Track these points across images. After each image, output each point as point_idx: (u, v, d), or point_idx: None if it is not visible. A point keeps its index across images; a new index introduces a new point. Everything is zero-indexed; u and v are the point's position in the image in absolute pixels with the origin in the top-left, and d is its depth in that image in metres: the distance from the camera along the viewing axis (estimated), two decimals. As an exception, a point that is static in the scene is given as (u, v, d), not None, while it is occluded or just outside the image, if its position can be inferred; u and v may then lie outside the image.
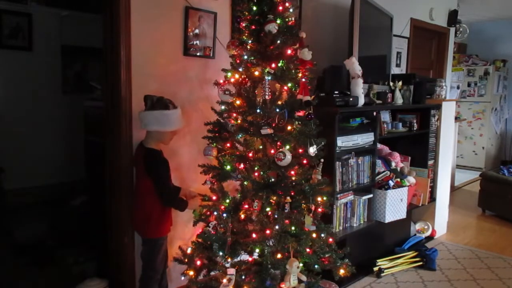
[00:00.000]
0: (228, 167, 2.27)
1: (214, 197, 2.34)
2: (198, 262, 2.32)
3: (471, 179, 6.38)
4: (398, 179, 3.45)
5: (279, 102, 2.23)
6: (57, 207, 4.03)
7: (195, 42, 2.72)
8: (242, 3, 2.35)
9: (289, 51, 2.27)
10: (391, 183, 3.27)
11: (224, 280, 2.12)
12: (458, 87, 7.20)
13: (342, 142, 2.86)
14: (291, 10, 2.33)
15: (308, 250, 2.28)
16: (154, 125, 2.23)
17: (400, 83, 3.60)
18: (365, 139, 3.06)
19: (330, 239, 2.46)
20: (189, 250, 2.40)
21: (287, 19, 2.30)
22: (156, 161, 2.27)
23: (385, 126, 3.47)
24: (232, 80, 2.33)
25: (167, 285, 2.52)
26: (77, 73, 4.93)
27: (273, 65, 2.21)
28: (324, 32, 3.55)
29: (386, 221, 3.20)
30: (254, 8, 2.27)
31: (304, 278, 2.21)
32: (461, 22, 5.72)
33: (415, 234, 3.85)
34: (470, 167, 7.07)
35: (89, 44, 4.72)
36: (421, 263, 3.30)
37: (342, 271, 2.46)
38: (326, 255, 2.42)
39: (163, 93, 2.59)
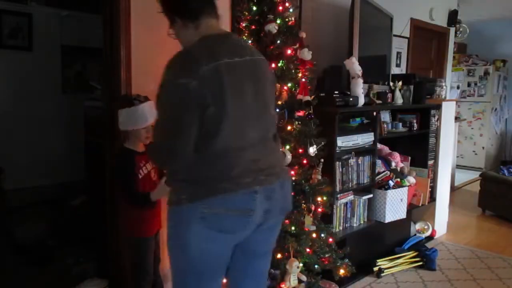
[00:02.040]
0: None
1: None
2: (198, 262, 2.32)
3: (471, 179, 6.38)
4: (398, 179, 3.45)
5: (279, 102, 2.23)
6: (57, 207, 4.03)
7: (195, 42, 2.72)
8: (242, 3, 2.35)
9: (289, 51, 2.27)
10: (391, 183, 3.27)
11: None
12: (458, 87, 7.20)
13: (342, 142, 2.86)
14: (291, 10, 2.34)
15: (308, 250, 2.28)
16: (125, 124, 2.17)
17: (400, 83, 3.60)
18: (365, 139, 3.06)
19: (330, 239, 2.46)
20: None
21: (287, 19, 2.30)
22: (118, 160, 2.23)
23: (385, 126, 3.47)
24: (232, 80, 2.33)
25: (163, 285, 2.49)
26: (77, 73, 4.93)
27: (273, 65, 2.21)
28: (324, 32, 3.54)
29: (386, 221, 3.20)
30: (254, 8, 2.27)
31: (304, 278, 2.21)
32: (461, 22, 5.72)
33: (415, 234, 3.85)
34: (470, 167, 7.07)
35: (89, 44, 4.72)
36: (421, 263, 3.30)
37: (342, 271, 2.47)
38: (326, 255, 2.42)
39: (163, 93, 2.59)
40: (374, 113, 3.14)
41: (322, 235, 2.40)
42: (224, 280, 1.67)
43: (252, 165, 1.45)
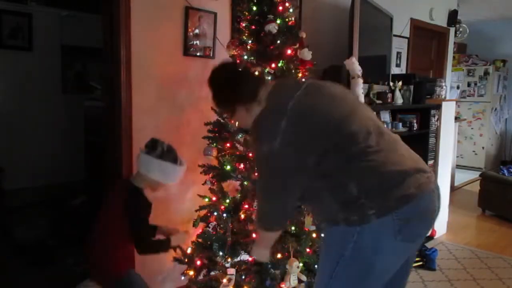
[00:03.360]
0: (228, 167, 2.27)
1: (214, 198, 2.35)
2: (198, 262, 2.32)
3: (471, 179, 6.38)
4: (398, 179, 3.44)
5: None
6: (57, 207, 4.03)
7: (195, 42, 2.72)
8: (242, 3, 2.35)
9: (289, 51, 2.27)
10: (391, 183, 3.27)
11: (224, 280, 2.12)
12: (458, 87, 7.20)
13: (342, 142, 2.86)
14: (291, 10, 2.34)
15: (308, 250, 2.28)
16: (158, 175, 2.06)
17: (400, 83, 3.60)
18: (365, 139, 3.06)
19: (330, 239, 2.46)
20: (189, 250, 2.40)
21: (287, 19, 2.30)
22: (139, 200, 2.08)
23: (385, 126, 3.47)
24: (232, 80, 2.33)
25: None
26: (77, 73, 4.93)
27: (273, 65, 2.21)
28: (324, 32, 3.55)
29: (386, 221, 3.20)
30: (254, 8, 2.27)
31: (304, 278, 2.21)
32: (461, 22, 5.72)
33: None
34: (470, 167, 7.07)
35: (89, 44, 4.72)
36: (421, 263, 3.30)
37: (342, 271, 2.45)
38: (326, 255, 2.42)
39: (163, 93, 2.59)
40: (374, 113, 3.13)
41: (322, 235, 2.40)
42: None
43: (411, 164, 1.36)
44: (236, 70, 1.66)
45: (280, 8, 2.28)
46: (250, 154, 2.23)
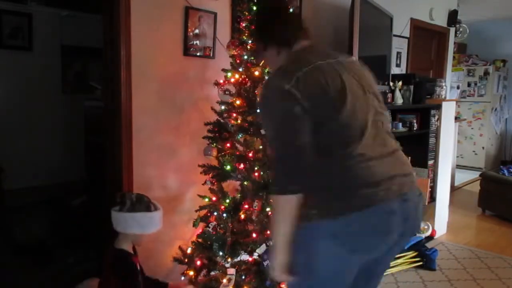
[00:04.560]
0: (228, 167, 2.27)
1: (214, 198, 2.35)
2: (198, 262, 2.32)
3: (471, 179, 6.38)
4: (398, 179, 3.44)
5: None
6: (57, 207, 4.03)
7: (195, 42, 2.72)
8: (242, 3, 2.35)
9: (289, 51, 2.27)
10: (391, 183, 3.27)
11: (224, 280, 2.12)
12: (458, 87, 7.20)
13: (342, 142, 2.86)
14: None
15: (308, 250, 2.28)
16: (135, 229, 2.00)
17: (400, 83, 3.60)
18: (365, 139, 3.06)
19: (330, 239, 2.46)
20: (189, 250, 2.40)
21: (287, 19, 2.30)
22: (126, 262, 2.03)
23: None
24: (232, 80, 2.33)
25: None
26: (77, 73, 4.93)
27: (273, 65, 2.21)
28: (324, 32, 3.55)
29: (386, 221, 3.20)
30: (254, 8, 2.27)
31: (304, 278, 2.21)
32: (461, 22, 5.72)
33: (415, 234, 3.85)
34: (470, 167, 7.07)
35: (89, 44, 4.72)
36: (421, 263, 3.30)
37: (342, 271, 2.45)
38: (326, 255, 2.42)
39: (163, 93, 2.59)
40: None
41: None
42: None
43: (385, 172, 1.33)
44: (283, 6, 1.65)
45: (280, 8, 2.27)
46: (250, 154, 2.23)
